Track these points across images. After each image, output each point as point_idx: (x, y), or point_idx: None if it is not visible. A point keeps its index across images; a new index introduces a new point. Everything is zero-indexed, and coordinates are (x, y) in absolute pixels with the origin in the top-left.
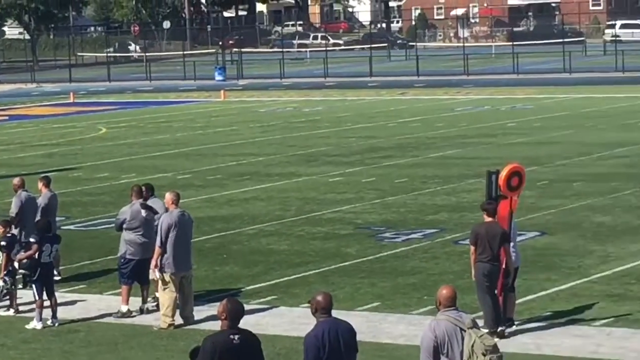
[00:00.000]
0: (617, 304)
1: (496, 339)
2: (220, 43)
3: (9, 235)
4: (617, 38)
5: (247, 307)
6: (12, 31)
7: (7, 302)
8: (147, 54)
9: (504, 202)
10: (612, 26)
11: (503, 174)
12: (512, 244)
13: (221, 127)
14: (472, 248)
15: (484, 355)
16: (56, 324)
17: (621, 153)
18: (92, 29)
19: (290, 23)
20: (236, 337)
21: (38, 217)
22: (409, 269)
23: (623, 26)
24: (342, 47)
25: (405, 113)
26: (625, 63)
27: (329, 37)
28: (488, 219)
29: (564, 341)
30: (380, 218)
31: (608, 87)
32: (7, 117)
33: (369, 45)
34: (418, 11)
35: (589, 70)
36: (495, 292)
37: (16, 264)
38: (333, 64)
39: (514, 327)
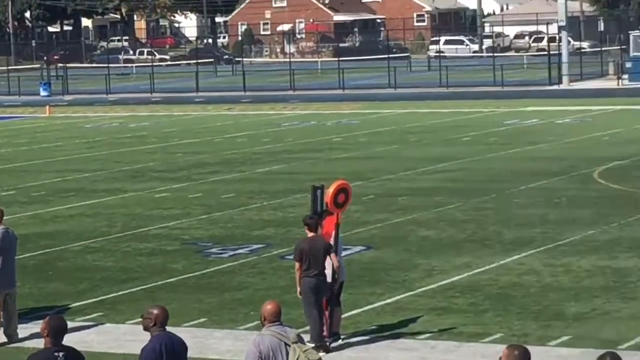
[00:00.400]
0: (442, 317)
1: (321, 353)
2: (45, 58)
3: None
4: (441, 54)
5: (72, 324)
6: None
7: None
8: None
9: (330, 218)
10: (436, 42)
11: (330, 190)
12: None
13: (46, 143)
14: (297, 264)
15: None
16: None
17: (445, 168)
18: None
19: (117, 38)
20: (60, 354)
21: None
22: (235, 284)
23: (447, 42)
24: (169, 63)
25: (232, 128)
26: (449, 78)
27: (155, 52)
28: (310, 234)
29: (389, 354)
30: (207, 233)
31: (432, 102)
32: None
33: (195, 61)
34: (244, 27)
35: (414, 85)
36: (322, 306)
37: None
38: (159, 79)
39: (340, 341)
